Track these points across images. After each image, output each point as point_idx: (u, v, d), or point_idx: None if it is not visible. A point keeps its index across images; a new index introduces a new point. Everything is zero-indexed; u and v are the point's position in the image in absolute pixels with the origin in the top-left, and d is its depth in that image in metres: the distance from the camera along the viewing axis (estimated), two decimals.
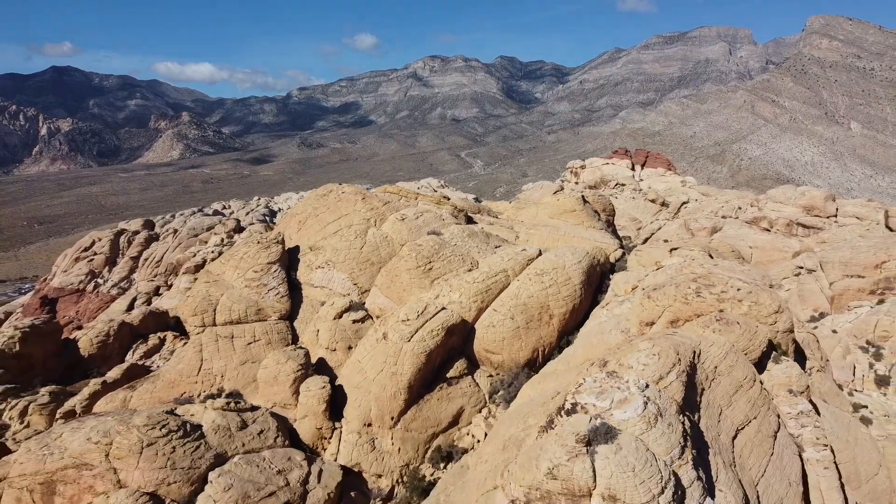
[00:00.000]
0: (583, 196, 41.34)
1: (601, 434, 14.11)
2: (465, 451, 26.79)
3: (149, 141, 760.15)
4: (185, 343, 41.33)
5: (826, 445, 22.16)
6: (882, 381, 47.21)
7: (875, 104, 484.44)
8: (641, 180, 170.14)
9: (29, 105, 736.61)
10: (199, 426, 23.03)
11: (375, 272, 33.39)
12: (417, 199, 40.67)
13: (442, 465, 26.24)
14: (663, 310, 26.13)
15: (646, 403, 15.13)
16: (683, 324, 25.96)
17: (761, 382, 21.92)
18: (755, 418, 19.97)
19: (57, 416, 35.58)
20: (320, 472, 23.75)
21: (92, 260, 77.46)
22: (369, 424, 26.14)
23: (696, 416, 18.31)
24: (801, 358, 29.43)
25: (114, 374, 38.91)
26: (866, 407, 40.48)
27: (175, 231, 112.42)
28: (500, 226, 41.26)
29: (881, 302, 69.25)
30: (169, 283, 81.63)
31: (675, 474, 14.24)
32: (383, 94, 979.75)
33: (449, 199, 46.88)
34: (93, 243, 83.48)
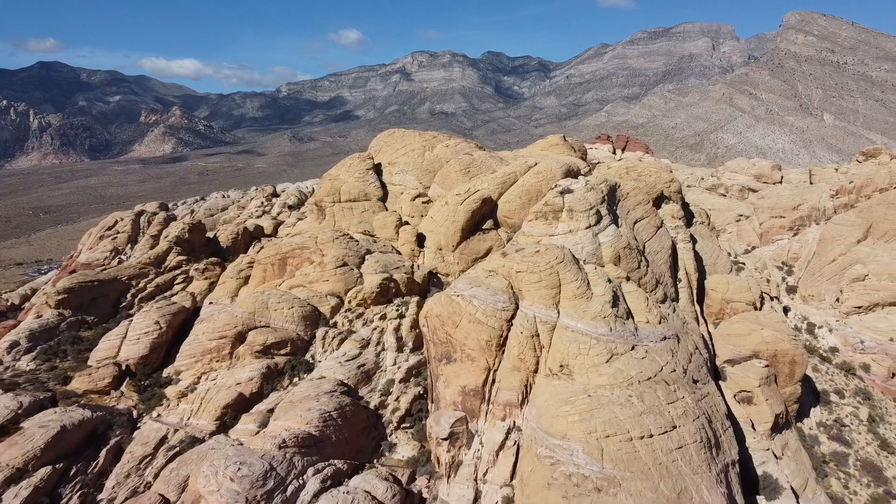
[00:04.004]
0: (563, 136, 61.01)
1: (566, 191, 33.76)
2: None
3: (140, 136, 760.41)
4: None
5: (690, 242, 41.90)
6: (791, 290, 69.08)
7: (847, 97, 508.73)
8: (621, 160, 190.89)
9: (16, 100, 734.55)
10: (352, 236, 42.17)
11: (432, 176, 52.80)
12: (451, 139, 59.87)
13: None
14: None
15: (586, 183, 34.77)
16: None
17: (655, 208, 41.48)
18: (647, 217, 39.67)
19: None
20: (418, 266, 43.04)
21: (115, 238, 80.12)
22: (440, 249, 45.45)
23: (615, 209, 37.84)
24: (691, 219, 49.20)
25: (251, 253, 57.87)
26: (744, 264, 61.32)
27: (192, 212, 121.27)
28: (507, 157, 60.72)
29: (795, 234, 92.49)
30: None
31: (598, 209, 33.74)
32: (372, 89, 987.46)
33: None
34: (115, 223, 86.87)
